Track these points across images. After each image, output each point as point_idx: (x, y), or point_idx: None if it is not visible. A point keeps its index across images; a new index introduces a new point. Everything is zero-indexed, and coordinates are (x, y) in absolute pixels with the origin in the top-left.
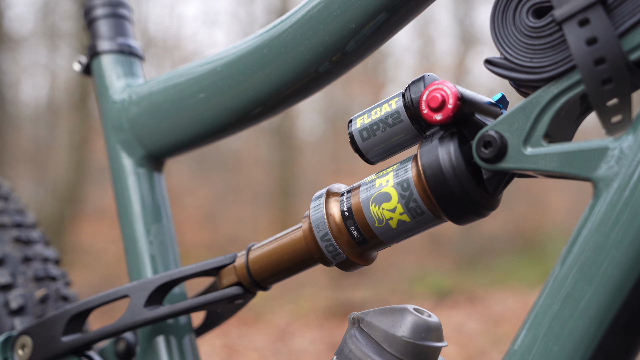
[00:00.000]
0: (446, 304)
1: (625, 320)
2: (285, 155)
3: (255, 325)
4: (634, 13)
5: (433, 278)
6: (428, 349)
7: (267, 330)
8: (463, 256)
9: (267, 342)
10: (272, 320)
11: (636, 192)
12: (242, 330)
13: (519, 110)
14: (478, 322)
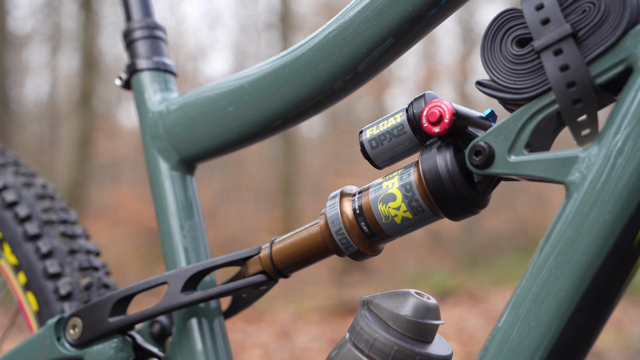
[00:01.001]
0: (449, 302)
1: (590, 299)
2: (288, 154)
3: (259, 323)
4: (599, 45)
5: (435, 277)
6: (427, 326)
7: (271, 328)
8: (465, 255)
9: (271, 339)
10: (276, 319)
11: (601, 194)
12: (247, 327)
13: (505, 124)
14: (480, 320)
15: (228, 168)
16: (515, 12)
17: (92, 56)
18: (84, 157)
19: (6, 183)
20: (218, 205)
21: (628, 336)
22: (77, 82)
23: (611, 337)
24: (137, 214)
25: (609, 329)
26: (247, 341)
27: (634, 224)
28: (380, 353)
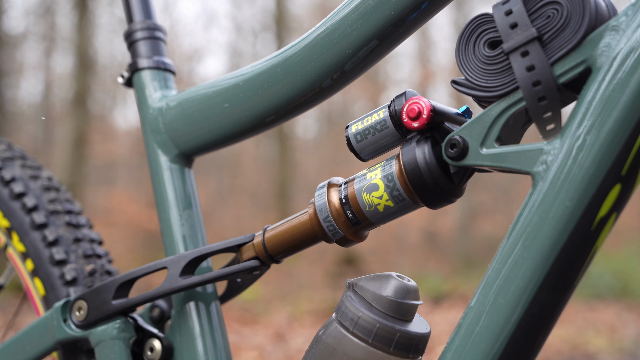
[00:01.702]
0: (444, 305)
1: (553, 279)
2: (283, 156)
3: (255, 325)
4: (561, 47)
5: (431, 280)
6: (407, 306)
7: (267, 330)
8: (461, 259)
9: (267, 341)
10: (271, 321)
11: (562, 183)
12: (243, 329)
13: (478, 119)
14: None
15: (224, 170)
16: (487, 17)
17: (87, 56)
18: (78, 158)
19: (14, 175)
20: (214, 208)
21: (621, 339)
22: (72, 83)
23: (604, 340)
24: (132, 217)
25: (602, 332)
26: (243, 342)
27: (591, 211)
28: (364, 330)
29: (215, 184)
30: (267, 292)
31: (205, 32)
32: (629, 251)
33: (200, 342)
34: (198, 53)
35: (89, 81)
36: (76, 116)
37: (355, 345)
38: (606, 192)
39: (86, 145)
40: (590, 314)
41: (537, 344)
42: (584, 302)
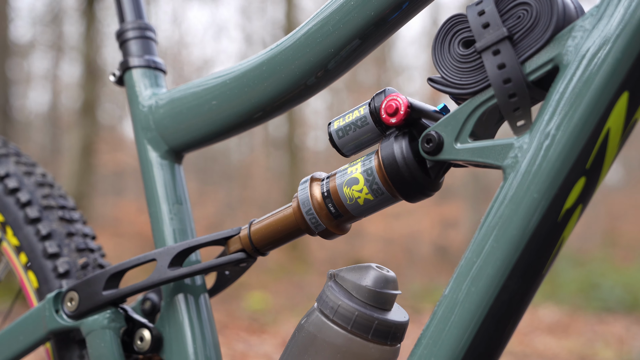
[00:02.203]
0: None
1: (521, 268)
2: (293, 168)
3: (262, 335)
4: (531, 47)
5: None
6: (386, 295)
7: (274, 339)
8: None
9: (274, 350)
10: (279, 330)
11: (530, 176)
12: (250, 338)
13: (452, 116)
14: None
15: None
16: (461, 17)
17: (95, 65)
18: (86, 167)
19: (8, 171)
20: (223, 219)
21: (629, 351)
22: (80, 92)
23: (612, 352)
24: (140, 227)
25: (611, 345)
26: (251, 351)
27: (558, 202)
28: (343, 318)
29: (225, 195)
30: (276, 303)
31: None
32: (638, 265)
33: (189, 332)
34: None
35: (98, 91)
36: (84, 125)
37: (334, 332)
38: (571, 184)
39: (94, 154)
40: (600, 326)
41: (507, 330)
42: (594, 314)
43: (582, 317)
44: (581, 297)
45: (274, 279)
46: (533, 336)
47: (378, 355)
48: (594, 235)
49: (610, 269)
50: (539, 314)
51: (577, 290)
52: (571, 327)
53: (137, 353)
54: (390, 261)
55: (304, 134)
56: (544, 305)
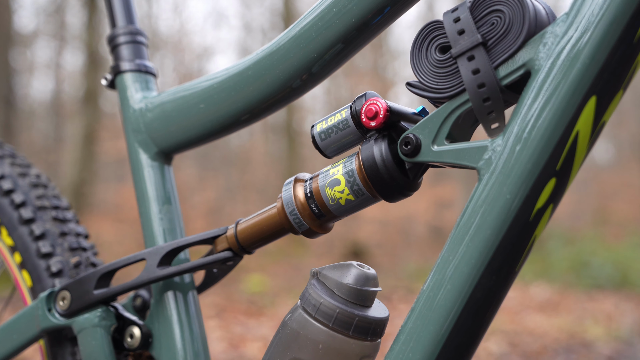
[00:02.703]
0: None
1: (495, 265)
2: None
3: (260, 317)
4: (504, 52)
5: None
6: (367, 293)
7: (272, 322)
8: None
9: (271, 332)
10: (277, 313)
11: (503, 177)
12: (248, 321)
13: (429, 119)
14: None
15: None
16: (437, 23)
17: (97, 54)
18: (89, 155)
19: (3, 173)
20: (223, 204)
21: (618, 328)
22: (82, 81)
23: (601, 329)
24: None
25: (600, 322)
26: (248, 334)
27: (529, 202)
28: (325, 315)
29: (225, 181)
30: (274, 285)
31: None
32: (629, 243)
33: (178, 329)
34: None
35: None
36: (86, 114)
37: (317, 329)
38: (542, 185)
39: (96, 142)
40: (590, 303)
41: (483, 325)
42: (584, 292)
43: (572, 294)
44: (572, 275)
45: (272, 261)
46: (524, 314)
47: (359, 351)
48: (585, 213)
49: (600, 247)
50: (530, 292)
51: (567, 268)
52: (561, 305)
53: (128, 350)
54: (386, 243)
55: (302, 119)
56: (535, 283)
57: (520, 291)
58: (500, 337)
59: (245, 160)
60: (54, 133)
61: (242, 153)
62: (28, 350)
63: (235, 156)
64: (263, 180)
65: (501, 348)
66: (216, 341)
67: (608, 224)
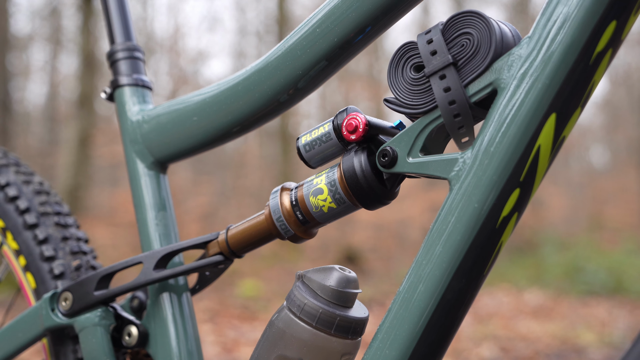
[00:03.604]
0: None
1: (464, 269)
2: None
3: (253, 322)
4: (473, 72)
5: None
6: (348, 294)
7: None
8: None
9: None
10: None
11: (471, 187)
12: (242, 325)
13: (405, 133)
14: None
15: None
16: (412, 44)
17: (92, 58)
18: (84, 159)
19: (8, 180)
20: (218, 207)
21: (610, 334)
22: (77, 84)
23: (594, 335)
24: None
25: (593, 327)
26: (242, 338)
27: (495, 211)
28: (309, 315)
29: (219, 184)
30: (268, 290)
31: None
32: (624, 248)
33: (172, 328)
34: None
35: (96, 82)
36: (81, 117)
37: (301, 328)
38: (508, 195)
39: (91, 146)
40: (583, 309)
41: (454, 323)
42: (578, 298)
43: (566, 300)
44: (566, 281)
45: (266, 266)
46: (517, 320)
47: (341, 349)
48: (580, 219)
49: (595, 253)
50: (524, 298)
51: (562, 274)
52: (555, 311)
53: (126, 348)
54: (381, 247)
55: (297, 123)
56: (529, 290)
57: (513, 297)
58: (493, 342)
59: (239, 165)
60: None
61: (236, 157)
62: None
63: (230, 160)
64: (257, 184)
65: (493, 353)
66: (210, 345)
67: (603, 230)
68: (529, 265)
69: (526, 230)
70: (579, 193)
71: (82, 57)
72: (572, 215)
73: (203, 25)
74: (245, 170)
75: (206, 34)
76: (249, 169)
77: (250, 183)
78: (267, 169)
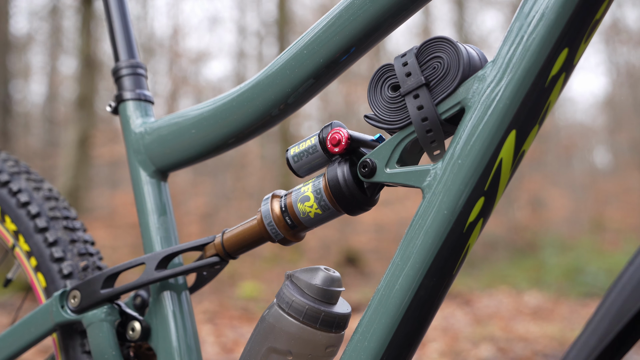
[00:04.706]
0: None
1: (435, 269)
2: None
3: (253, 323)
4: (443, 92)
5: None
6: (332, 292)
7: None
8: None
9: None
10: None
11: (441, 195)
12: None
13: (383, 146)
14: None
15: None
16: (390, 66)
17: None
18: (84, 159)
19: (20, 187)
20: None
21: None
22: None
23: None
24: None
25: None
26: (242, 339)
27: (463, 217)
28: (296, 311)
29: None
30: (268, 291)
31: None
32: (625, 250)
33: (173, 324)
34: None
35: (96, 83)
36: (80, 118)
37: (289, 322)
38: (474, 202)
39: (91, 147)
40: (583, 310)
41: (427, 317)
42: (577, 300)
43: (565, 302)
44: (566, 283)
45: (267, 267)
46: (516, 322)
47: (325, 341)
48: (581, 220)
49: (596, 255)
50: (524, 300)
51: (562, 275)
52: (554, 313)
53: (129, 341)
54: (381, 248)
55: (298, 124)
56: (529, 292)
57: (513, 298)
58: (491, 343)
59: (240, 166)
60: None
61: (237, 158)
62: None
63: (231, 161)
64: (258, 185)
65: (490, 353)
66: (210, 345)
67: (605, 231)
68: (529, 266)
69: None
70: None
71: (81, 58)
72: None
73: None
74: (246, 172)
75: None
76: (250, 170)
77: (251, 184)
78: (268, 170)
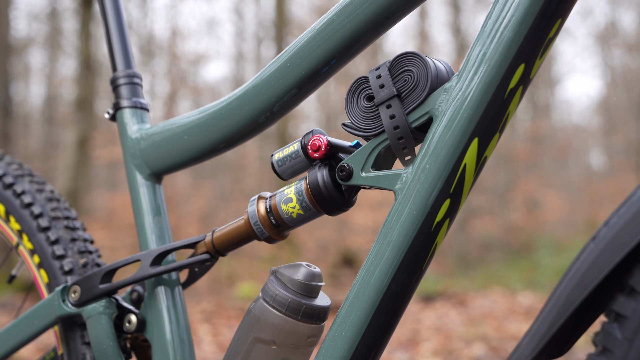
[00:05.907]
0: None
1: (405, 264)
2: None
3: None
4: (413, 102)
5: (426, 280)
6: (313, 286)
7: None
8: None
9: None
10: None
11: (411, 197)
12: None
13: (359, 151)
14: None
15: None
16: (365, 79)
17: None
18: (83, 161)
19: (24, 189)
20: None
21: None
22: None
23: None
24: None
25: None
26: None
27: (430, 217)
28: (280, 303)
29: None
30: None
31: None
32: None
33: (166, 317)
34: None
35: (96, 85)
36: (79, 120)
37: (273, 314)
38: (440, 204)
39: (91, 148)
40: None
41: (399, 308)
42: None
43: None
44: None
45: (265, 268)
46: (509, 322)
47: (307, 332)
48: (576, 222)
49: None
50: (517, 300)
51: (556, 276)
52: None
53: (126, 333)
54: None
55: (295, 126)
56: (523, 293)
57: (506, 299)
58: (484, 342)
59: (238, 167)
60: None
61: (236, 160)
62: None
63: (229, 163)
64: (256, 186)
65: (482, 352)
66: (207, 344)
67: None
68: (524, 267)
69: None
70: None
71: (80, 60)
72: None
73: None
74: (245, 173)
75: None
76: (248, 172)
77: (249, 185)
78: (266, 171)
